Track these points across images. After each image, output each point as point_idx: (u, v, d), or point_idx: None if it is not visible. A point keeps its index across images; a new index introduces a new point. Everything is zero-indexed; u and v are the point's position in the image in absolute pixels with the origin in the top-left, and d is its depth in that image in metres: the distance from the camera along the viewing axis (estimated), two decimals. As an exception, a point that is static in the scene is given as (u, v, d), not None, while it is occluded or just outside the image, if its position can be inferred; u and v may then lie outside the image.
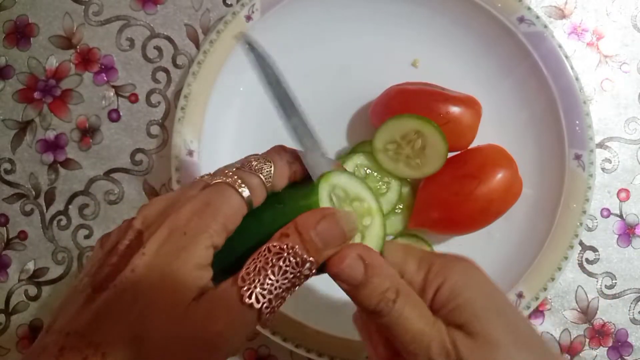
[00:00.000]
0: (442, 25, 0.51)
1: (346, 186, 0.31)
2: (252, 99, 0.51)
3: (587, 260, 0.51)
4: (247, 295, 0.25)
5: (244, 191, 0.28)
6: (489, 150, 0.46)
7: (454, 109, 0.45)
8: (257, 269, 0.25)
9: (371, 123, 0.49)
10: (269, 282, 0.25)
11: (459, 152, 0.47)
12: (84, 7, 0.54)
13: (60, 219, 0.52)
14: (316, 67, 0.52)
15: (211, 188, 0.28)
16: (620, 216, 0.51)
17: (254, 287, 0.25)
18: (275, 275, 0.25)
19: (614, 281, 0.51)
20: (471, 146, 0.47)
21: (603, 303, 0.50)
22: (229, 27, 0.49)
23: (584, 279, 0.51)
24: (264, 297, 0.25)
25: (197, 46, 0.53)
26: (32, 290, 0.52)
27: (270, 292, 0.25)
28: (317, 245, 0.26)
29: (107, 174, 0.52)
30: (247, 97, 0.51)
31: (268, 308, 0.25)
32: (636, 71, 0.53)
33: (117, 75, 0.53)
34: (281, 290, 0.25)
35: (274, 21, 0.50)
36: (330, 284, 0.32)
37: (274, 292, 0.25)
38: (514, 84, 0.50)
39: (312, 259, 0.26)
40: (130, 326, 0.23)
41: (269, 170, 0.29)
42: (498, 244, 0.49)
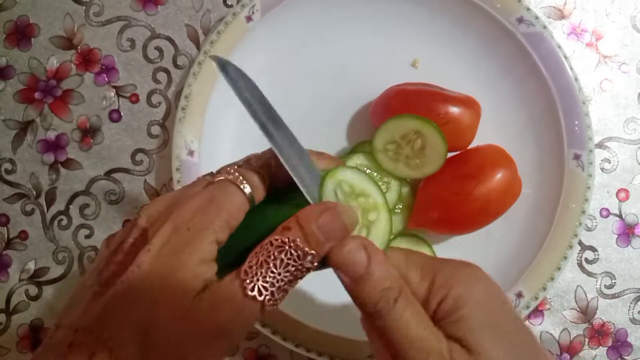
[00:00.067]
0: (442, 26, 0.51)
1: (352, 181, 0.31)
2: (253, 99, 0.51)
3: (586, 260, 0.51)
4: (250, 288, 0.25)
5: (245, 188, 0.28)
6: (489, 150, 0.46)
7: (454, 109, 0.45)
8: (259, 262, 0.25)
9: (371, 123, 0.49)
10: (271, 275, 0.25)
11: (458, 152, 0.47)
12: (84, 7, 0.54)
13: (61, 219, 0.52)
14: (316, 67, 0.52)
15: (214, 185, 0.28)
16: (620, 216, 0.51)
17: (257, 279, 0.25)
18: (278, 268, 0.25)
19: (613, 281, 0.51)
20: (471, 146, 0.47)
21: (602, 303, 0.51)
22: (230, 28, 0.49)
23: (583, 278, 0.51)
24: (266, 290, 0.25)
25: (198, 47, 0.53)
26: (33, 290, 0.52)
27: (272, 285, 0.25)
28: (318, 238, 0.26)
29: (108, 174, 0.53)
30: (248, 97, 0.51)
31: (270, 300, 0.25)
32: (635, 71, 0.53)
33: (117, 75, 0.53)
34: (283, 283, 0.26)
35: (274, 22, 0.50)
36: (331, 284, 0.32)
37: (276, 285, 0.25)
38: (513, 84, 0.50)
39: (313, 252, 0.26)
40: (136, 321, 0.24)
41: (270, 166, 0.30)
42: (497, 244, 0.49)
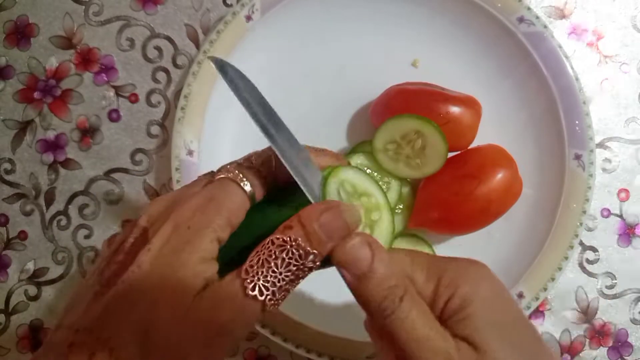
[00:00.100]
0: (442, 25, 0.51)
1: (354, 181, 0.30)
2: (252, 99, 0.51)
3: (587, 260, 0.51)
4: (250, 287, 0.25)
5: (246, 185, 0.28)
6: (489, 150, 0.46)
7: (454, 109, 0.45)
8: (260, 261, 0.25)
9: (371, 123, 0.49)
10: (272, 275, 0.25)
11: (459, 152, 0.47)
12: (84, 7, 0.54)
13: (60, 219, 0.52)
14: (316, 67, 0.52)
15: (214, 184, 0.28)
16: (621, 216, 0.51)
17: (257, 279, 0.25)
18: (279, 267, 0.25)
19: (614, 281, 0.51)
20: (471, 146, 0.47)
21: (603, 303, 0.50)
22: (229, 27, 0.49)
23: (584, 279, 0.51)
24: (267, 290, 0.25)
25: (197, 46, 0.53)
26: (32, 290, 0.52)
27: (273, 285, 0.25)
28: (320, 238, 0.26)
29: (107, 174, 0.52)
30: (247, 97, 0.51)
31: (272, 300, 0.25)
32: (636, 71, 0.53)
33: (117, 75, 0.53)
34: (284, 283, 0.25)
35: (274, 21, 0.50)
36: (331, 285, 0.32)
37: (277, 285, 0.25)
38: (513, 84, 0.50)
39: (315, 251, 0.26)
40: (137, 321, 0.24)
41: (270, 163, 0.29)
42: (498, 244, 0.49)
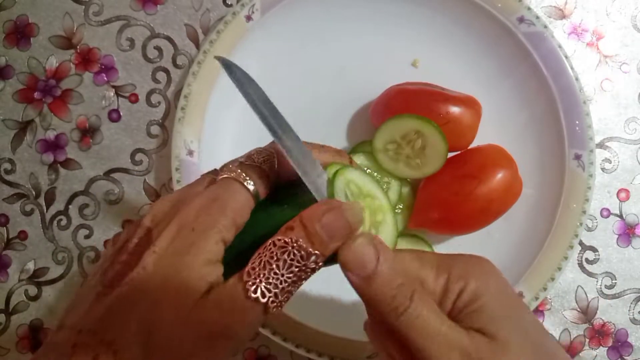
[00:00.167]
0: (442, 25, 0.51)
1: (360, 182, 0.30)
2: (252, 99, 0.51)
3: (587, 260, 0.51)
4: (252, 290, 0.24)
5: (249, 184, 0.27)
6: (489, 150, 0.46)
7: (454, 109, 0.45)
8: (262, 263, 0.25)
9: (371, 123, 0.49)
10: (274, 277, 0.25)
11: (459, 152, 0.47)
12: (84, 7, 0.54)
13: (61, 219, 0.52)
14: (316, 67, 0.52)
15: (217, 183, 0.28)
16: (620, 216, 0.51)
17: (259, 281, 0.25)
18: (281, 269, 0.25)
19: (613, 281, 0.51)
20: (471, 146, 0.47)
21: (603, 303, 0.50)
22: (229, 27, 0.49)
23: (583, 279, 0.51)
24: (270, 292, 0.25)
25: (197, 46, 0.53)
26: (32, 290, 0.52)
27: (275, 287, 0.25)
28: (322, 238, 0.26)
29: (107, 174, 0.52)
30: (247, 97, 0.51)
31: (274, 302, 0.25)
32: (636, 71, 0.53)
33: (117, 75, 0.53)
34: (287, 285, 0.25)
35: (274, 21, 0.50)
36: (331, 284, 0.32)
37: (280, 287, 0.25)
38: (514, 84, 0.50)
39: (317, 252, 0.25)
40: (140, 322, 0.24)
41: (272, 161, 0.29)
42: (498, 244, 0.49)
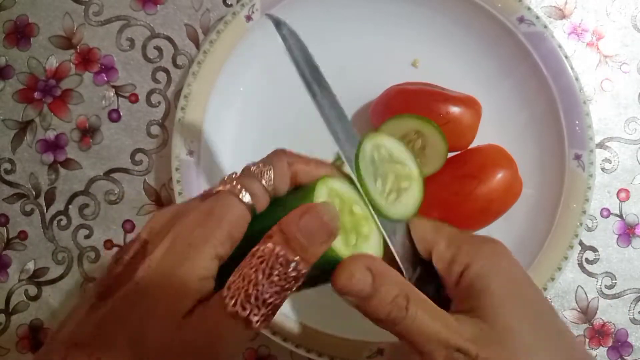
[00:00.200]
0: (442, 25, 0.51)
1: (392, 148, 0.31)
2: (252, 99, 0.51)
3: (587, 260, 0.51)
4: (232, 304, 0.23)
5: (245, 197, 0.27)
6: (489, 150, 0.46)
7: (454, 109, 0.45)
8: (240, 276, 0.24)
9: (371, 123, 0.49)
10: (253, 289, 0.24)
11: (459, 152, 0.47)
12: (84, 7, 0.54)
13: (61, 219, 0.52)
14: (316, 67, 0.51)
15: (213, 197, 0.27)
16: (620, 216, 0.51)
17: (238, 294, 0.24)
18: (260, 280, 0.24)
19: (613, 281, 0.51)
20: (471, 146, 0.47)
21: (603, 303, 0.50)
22: (229, 27, 0.49)
23: (583, 279, 0.51)
24: (250, 305, 0.24)
25: (197, 46, 0.53)
26: (32, 290, 0.52)
27: (256, 299, 0.24)
28: (301, 243, 0.24)
29: (107, 174, 0.52)
30: (247, 97, 0.51)
31: (257, 316, 0.24)
32: (636, 71, 0.53)
33: (117, 75, 0.53)
34: (268, 296, 0.24)
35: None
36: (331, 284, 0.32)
37: (261, 298, 0.24)
38: (514, 84, 0.50)
39: (297, 258, 0.24)
40: (130, 339, 0.23)
41: (269, 173, 0.29)
42: (498, 244, 0.49)
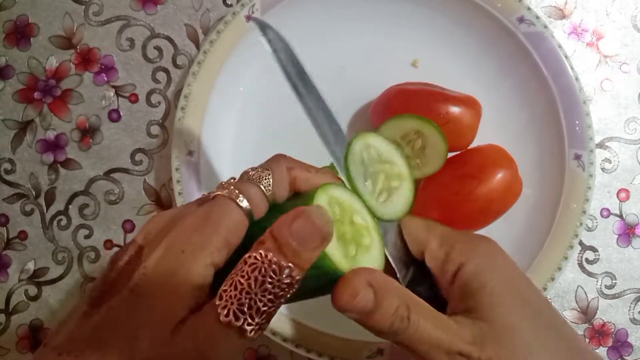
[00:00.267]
0: (442, 25, 0.51)
1: (380, 148, 0.32)
2: (252, 99, 0.51)
3: (587, 260, 0.51)
4: (224, 313, 0.23)
5: (242, 202, 0.26)
6: (489, 150, 0.46)
7: (454, 109, 0.45)
8: (233, 284, 0.23)
9: (371, 123, 0.49)
10: (246, 297, 0.23)
11: (459, 152, 0.47)
12: (84, 7, 0.54)
13: (61, 219, 0.52)
14: (316, 67, 0.51)
15: (210, 202, 0.27)
16: (620, 216, 0.51)
17: (231, 303, 0.23)
18: (253, 288, 0.23)
19: (613, 281, 0.51)
20: (471, 146, 0.47)
21: (603, 303, 0.50)
22: (229, 27, 0.49)
23: (583, 279, 0.51)
24: (243, 314, 0.23)
25: (197, 46, 0.53)
26: (32, 290, 0.52)
27: (250, 307, 0.23)
28: (293, 248, 0.24)
29: (107, 174, 0.52)
30: (247, 97, 0.51)
31: (250, 325, 0.23)
32: (636, 71, 0.53)
33: (117, 75, 0.53)
34: (262, 304, 0.23)
35: (273, 21, 0.49)
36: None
37: (254, 307, 0.23)
38: (514, 84, 0.50)
39: (290, 264, 0.23)
40: (122, 347, 0.23)
41: (268, 178, 0.28)
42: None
